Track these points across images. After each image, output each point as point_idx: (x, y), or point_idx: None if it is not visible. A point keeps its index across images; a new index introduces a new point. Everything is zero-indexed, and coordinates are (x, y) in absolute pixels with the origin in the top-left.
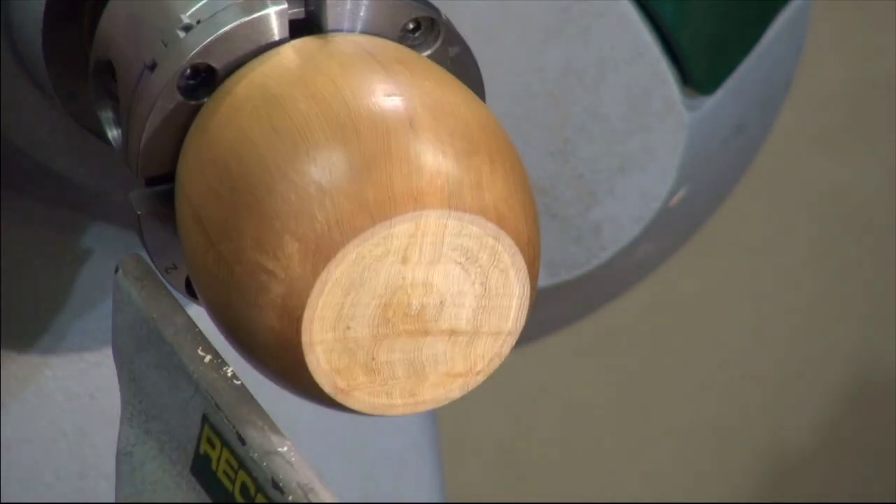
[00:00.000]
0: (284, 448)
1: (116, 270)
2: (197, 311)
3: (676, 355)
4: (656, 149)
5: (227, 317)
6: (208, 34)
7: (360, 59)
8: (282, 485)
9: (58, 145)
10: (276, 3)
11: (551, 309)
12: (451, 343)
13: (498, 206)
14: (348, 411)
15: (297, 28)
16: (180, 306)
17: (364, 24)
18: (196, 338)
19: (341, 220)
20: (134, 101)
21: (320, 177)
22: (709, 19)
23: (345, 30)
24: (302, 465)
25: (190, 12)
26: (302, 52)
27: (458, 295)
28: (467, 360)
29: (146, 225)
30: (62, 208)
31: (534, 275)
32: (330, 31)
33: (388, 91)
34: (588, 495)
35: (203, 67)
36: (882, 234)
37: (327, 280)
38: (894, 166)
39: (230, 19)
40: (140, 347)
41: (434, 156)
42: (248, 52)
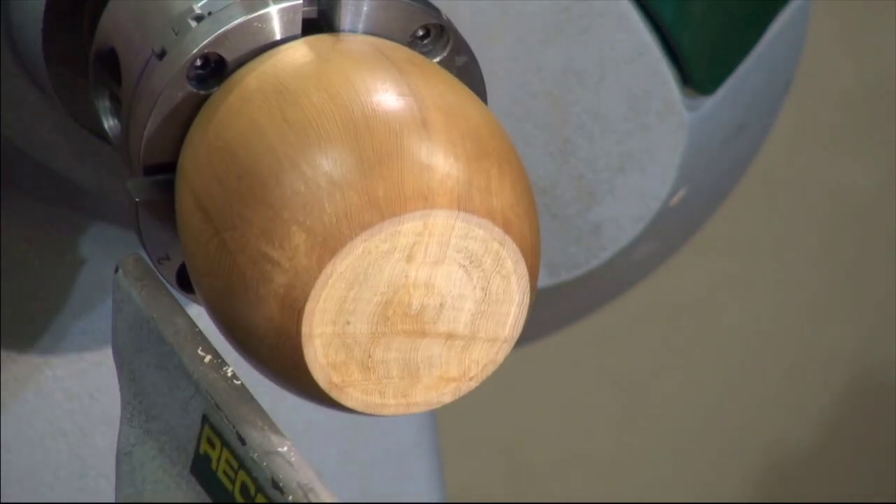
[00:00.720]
0: (284, 448)
1: (116, 270)
2: (197, 311)
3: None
4: (656, 149)
5: (225, 307)
6: (221, 25)
7: (374, 57)
8: (282, 485)
9: (58, 145)
10: (294, 1)
11: (551, 309)
12: (448, 346)
13: (505, 211)
14: (340, 408)
15: (308, 26)
16: (180, 306)
17: (375, 27)
18: (196, 338)
19: (350, 213)
20: (138, 88)
21: (331, 169)
22: (709, 19)
23: (356, 31)
24: (302, 465)
25: (202, 2)
26: (315, 47)
27: (459, 298)
28: (462, 364)
29: (143, 214)
30: (62, 208)
31: (533, 284)
32: (342, 30)
33: (401, 91)
34: (588, 495)
35: (214, 57)
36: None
37: (332, 273)
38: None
39: (243, 12)
40: (140, 347)
41: (445, 157)
42: (259, 45)
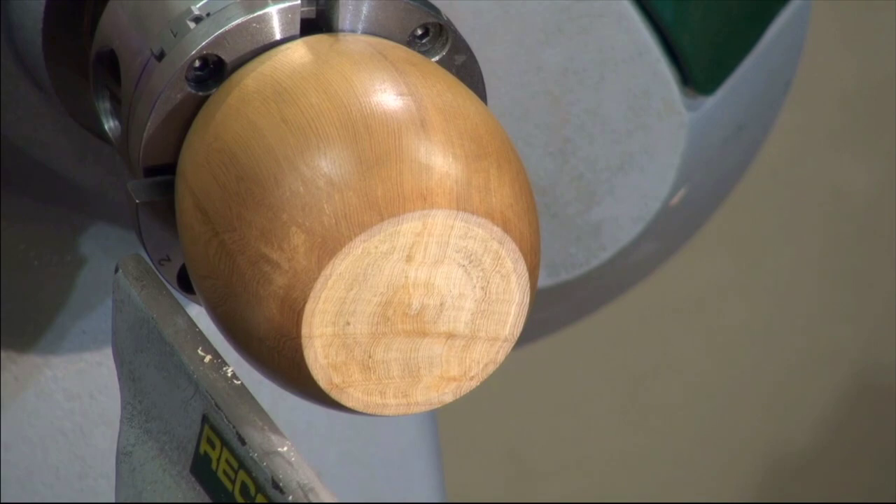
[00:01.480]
0: (284, 448)
1: (116, 270)
2: (197, 311)
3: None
4: (656, 149)
5: (225, 308)
6: (219, 26)
7: (372, 58)
8: (282, 485)
9: (58, 145)
10: (288, 0)
11: (551, 309)
12: (448, 346)
13: (504, 210)
14: (341, 408)
15: (307, 27)
16: (180, 306)
17: (373, 27)
18: (196, 338)
19: (349, 214)
20: (138, 89)
21: (330, 170)
22: (709, 19)
23: (354, 31)
24: (302, 465)
25: (201, 4)
26: (313, 48)
27: (459, 298)
28: (462, 364)
29: (143, 215)
30: (62, 208)
31: (533, 283)
32: (340, 30)
33: (399, 91)
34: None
35: (212, 59)
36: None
37: (331, 274)
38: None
39: (241, 13)
40: (140, 347)
41: (444, 156)
42: (258, 46)
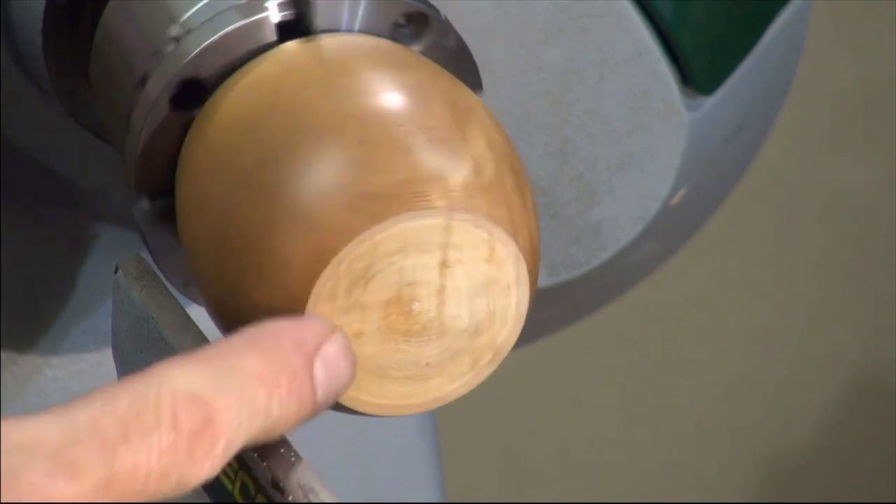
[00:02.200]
0: (284, 448)
1: (116, 270)
2: (197, 311)
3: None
4: (656, 149)
5: (226, 308)
6: (197, 44)
7: (352, 60)
8: (282, 485)
9: (58, 145)
10: (265, 10)
11: (551, 309)
12: (448, 347)
13: (503, 210)
14: (341, 408)
15: (289, 29)
16: (180, 306)
17: (354, 24)
18: (196, 338)
19: (347, 216)
20: (130, 115)
21: (318, 178)
22: (709, 19)
23: (336, 30)
24: (302, 465)
25: (181, 21)
26: (291, 58)
27: (458, 297)
28: (461, 364)
29: (152, 241)
30: (62, 208)
31: (533, 283)
32: (320, 31)
33: (384, 92)
34: (588, 495)
35: (193, 80)
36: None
37: (331, 275)
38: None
39: (216, 30)
40: (140, 347)
41: (439, 157)
42: (239, 57)
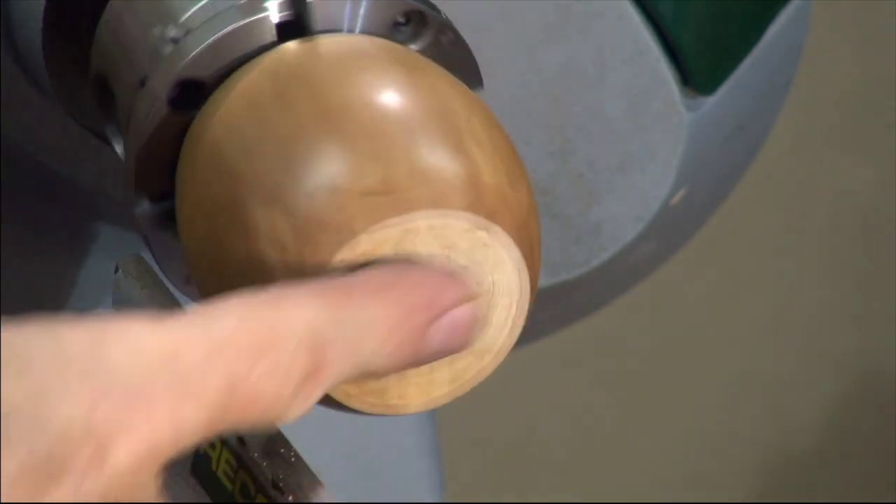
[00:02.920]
0: (284, 448)
1: (116, 270)
2: None
3: (677, 356)
4: (656, 149)
5: None
6: (196, 45)
7: (352, 60)
8: (282, 485)
9: (58, 145)
10: (264, 10)
11: (551, 309)
12: None
13: (503, 210)
14: (341, 408)
15: (288, 30)
16: (181, 306)
17: (353, 24)
18: None
19: (345, 217)
20: (130, 118)
21: (317, 178)
22: (709, 19)
23: (336, 29)
24: (302, 465)
25: (180, 21)
26: (290, 59)
27: None
28: (462, 364)
29: (154, 243)
30: (62, 208)
31: (534, 280)
32: (318, 32)
33: (384, 91)
34: (588, 495)
35: (191, 81)
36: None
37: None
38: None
39: (219, 27)
40: None
41: (438, 155)
42: (237, 57)
